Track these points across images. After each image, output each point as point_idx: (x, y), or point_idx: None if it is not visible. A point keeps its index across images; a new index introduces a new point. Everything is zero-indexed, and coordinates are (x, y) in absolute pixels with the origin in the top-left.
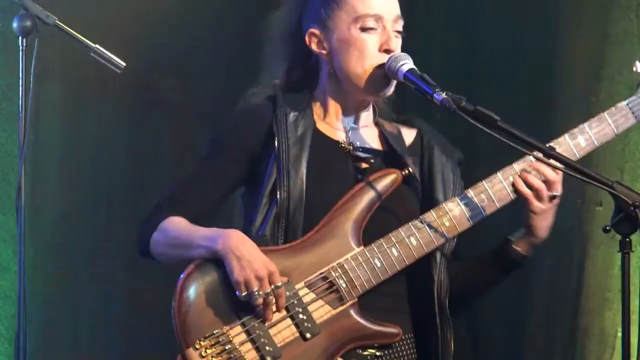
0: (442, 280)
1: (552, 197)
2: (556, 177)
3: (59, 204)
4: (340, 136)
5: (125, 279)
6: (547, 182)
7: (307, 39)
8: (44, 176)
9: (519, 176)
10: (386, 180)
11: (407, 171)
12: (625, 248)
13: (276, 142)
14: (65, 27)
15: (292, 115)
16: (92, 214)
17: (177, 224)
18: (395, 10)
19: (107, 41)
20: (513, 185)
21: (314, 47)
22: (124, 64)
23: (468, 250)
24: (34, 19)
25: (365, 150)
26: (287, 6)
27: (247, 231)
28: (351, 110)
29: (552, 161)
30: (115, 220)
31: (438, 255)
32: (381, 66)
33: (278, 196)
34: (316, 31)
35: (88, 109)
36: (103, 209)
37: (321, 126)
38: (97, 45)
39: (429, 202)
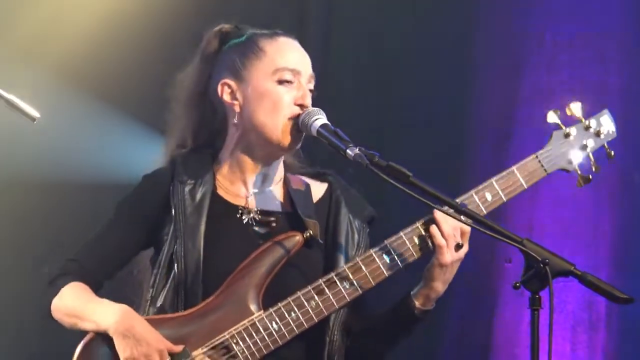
0: (334, 342)
1: (458, 246)
2: (466, 227)
3: None
4: (240, 201)
5: None
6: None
7: (219, 89)
8: None
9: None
10: (287, 244)
11: (308, 234)
12: (535, 304)
13: (173, 212)
14: None
15: (189, 184)
16: None
17: (75, 293)
18: (310, 69)
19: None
20: (419, 243)
21: (226, 97)
22: (38, 114)
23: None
24: None
25: (267, 213)
26: (196, 64)
27: (148, 300)
28: (259, 167)
29: (463, 217)
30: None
31: (332, 316)
32: (293, 120)
33: (175, 268)
34: (229, 81)
35: None
36: None
37: (222, 191)
38: (12, 96)
39: (331, 263)
